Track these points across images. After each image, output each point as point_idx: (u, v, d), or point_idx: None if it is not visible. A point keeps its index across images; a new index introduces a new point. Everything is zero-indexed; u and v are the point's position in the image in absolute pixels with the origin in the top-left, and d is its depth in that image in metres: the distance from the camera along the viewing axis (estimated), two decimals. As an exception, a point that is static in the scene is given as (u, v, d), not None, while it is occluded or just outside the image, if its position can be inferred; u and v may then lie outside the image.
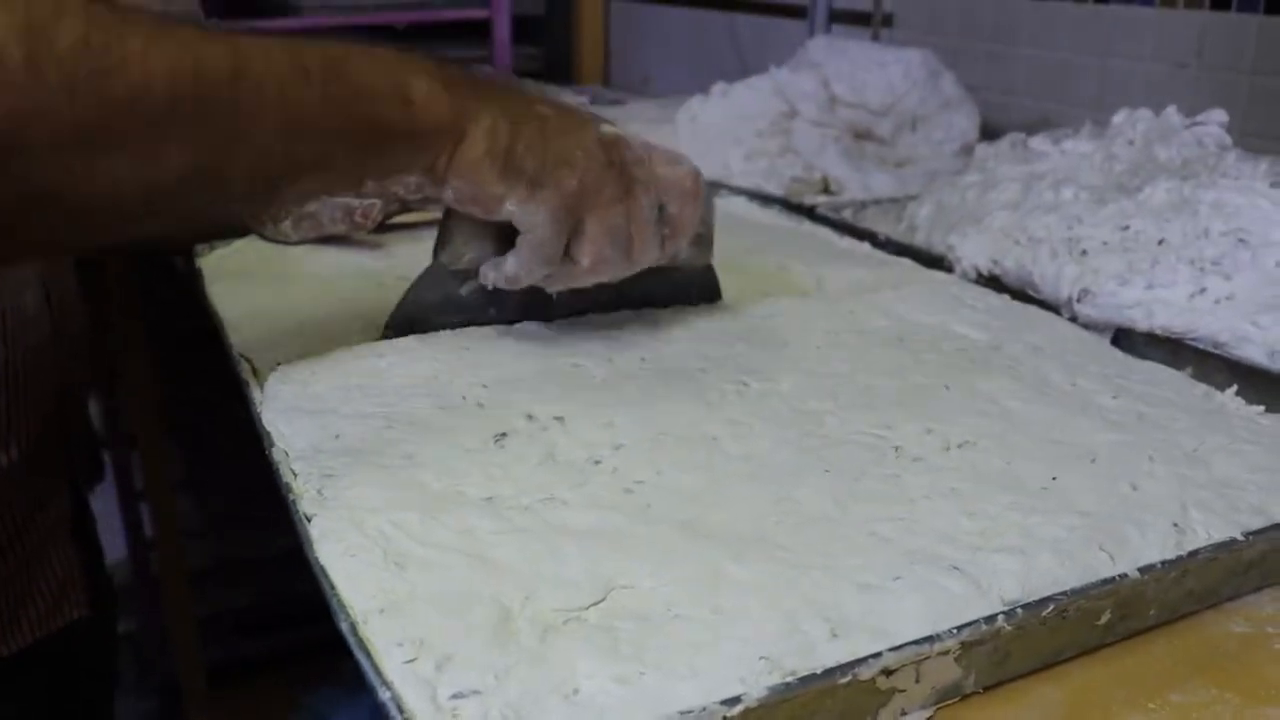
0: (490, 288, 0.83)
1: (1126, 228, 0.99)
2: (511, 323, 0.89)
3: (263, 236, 1.12)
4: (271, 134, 0.67)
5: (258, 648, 2.29)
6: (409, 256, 1.07)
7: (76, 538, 1.02)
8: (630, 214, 0.80)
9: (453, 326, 0.88)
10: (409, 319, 0.88)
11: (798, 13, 2.10)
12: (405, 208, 1.14)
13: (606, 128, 0.81)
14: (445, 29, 2.46)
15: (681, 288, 0.94)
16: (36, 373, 0.93)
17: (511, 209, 0.77)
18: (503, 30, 2.40)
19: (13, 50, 0.57)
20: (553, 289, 0.83)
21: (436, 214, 1.11)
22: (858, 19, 1.99)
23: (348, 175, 0.74)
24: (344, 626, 0.53)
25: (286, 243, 1.11)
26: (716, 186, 1.41)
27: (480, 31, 2.45)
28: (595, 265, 0.81)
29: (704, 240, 0.91)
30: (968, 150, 1.51)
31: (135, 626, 2.30)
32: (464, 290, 0.87)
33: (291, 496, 0.65)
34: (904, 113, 1.59)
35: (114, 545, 2.19)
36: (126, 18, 0.61)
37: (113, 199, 0.64)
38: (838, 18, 2.02)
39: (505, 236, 0.80)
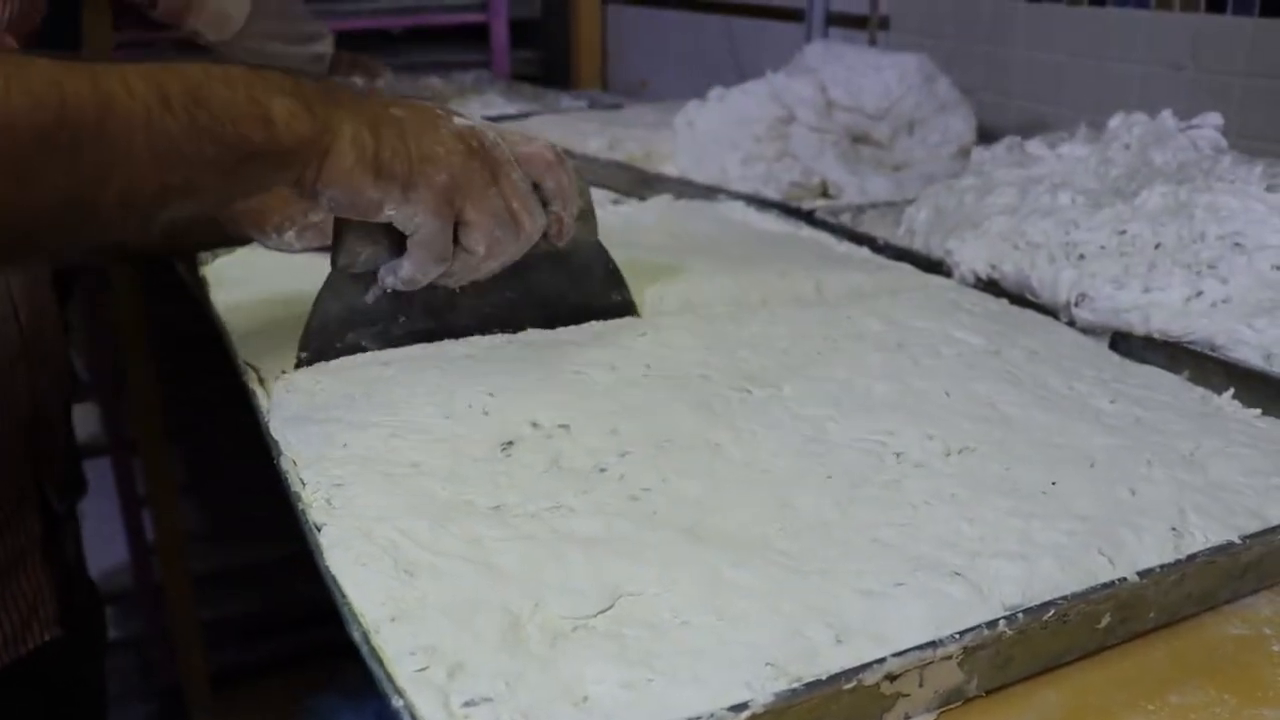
0: (390, 291, 0.85)
1: (1123, 232, 0.99)
2: (423, 332, 0.90)
3: (266, 246, 1.13)
4: (140, 163, 0.68)
5: (260, 652, 2.30)
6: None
7: (47, 558, 1.00)
8: (505, 193, 0.82)
9: (365, 343, 0.89)
10: (321, 337, 0.88)
11: (794, 15, 2.10)
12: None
13: (459, 120, 0.83)
14: (442, 33, 2.47)
15: (580, 271, 0.95)
16: (0, 394, 0.92)
17: (391, 213, 0.79)
18: (500, 34, 2.41)
19: None
20: (457, 284, 0.86)
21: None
22: (854, 22, 1.99)
23: (216, 197, 0.76)
24: (356, 635, 0.54)
25: (290, 251, 1.11)
26: (714, 191, 1.42)
27: (478, 35, 2.46)
28: (490, 249, 0.83)
29: (587, 214, 0.93)
30: (964, 153, 1.52)
31: (138, 631, 2.31)
32: (369, 298, 0.87)
33: (300, 505, 0.66)
34: (900, 116, 1.59)
35: (116, 550, 2.21)
36: None
37: None
38: (834, 21, 2.03)
39: (398, 234, 0.82)
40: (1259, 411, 0.81)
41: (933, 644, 0.53)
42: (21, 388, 0.95)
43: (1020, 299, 1.02)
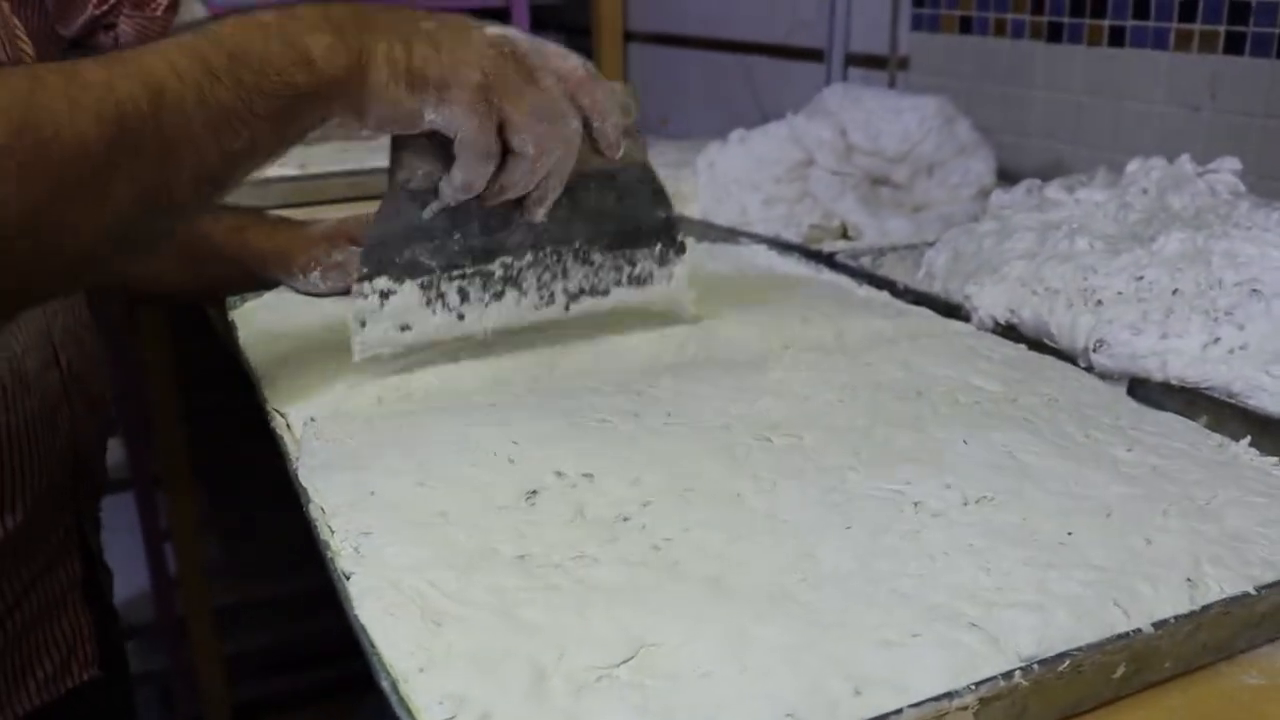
0: (452, 204, 0.88)
1: (1141, 278, 1.00)
2: (479, 249, 0.93)
3: (293, 289, 1.15)
4: (202, 141, 0.71)
5: (282, 686, 2.31)
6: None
7: (86, 599, 1.02)
8: (545, 91, 0.84)
9: (424, 258, 0.91)
10: (379, 252, 0.90)
11: (814, 55, 2.12)
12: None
13: (491, 28, 0.85)
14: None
15: (626, 190, 0.97)
16: (43, 436, 0.93)
17: (431, 117, 0.82)
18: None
19: None
20: (519, 193, 0.88)
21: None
22: (874, 62, 2.01)
23: (276, 147, 0.78)
24: (385, 685, 0.55)
25: (316, 293, 1.13)
26: (736, 233, 1.43)
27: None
28: (539, 146, 0.85)
29: (633, 132, 0.94)
30: (984, 194, 1.53)
31: (161, 665, 2.32)
32: (425, 214, 0.89)
33: (329, 554, 0.67)
34: (920, 159, 1.60)
35: (139, 584, 2.22)
36: (37, 81, 0.66)
37: (82, 247, 0.69)
38: (854, 61, 2.04)
39: (451, 156, 0.84)
40: (1276, 459, 0.81)
41: (949, 695, 0.54)
42: (64, 433, 0.97)
43: (1038, 344, 1.03)
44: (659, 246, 1.01)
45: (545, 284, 0.97)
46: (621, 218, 0.98)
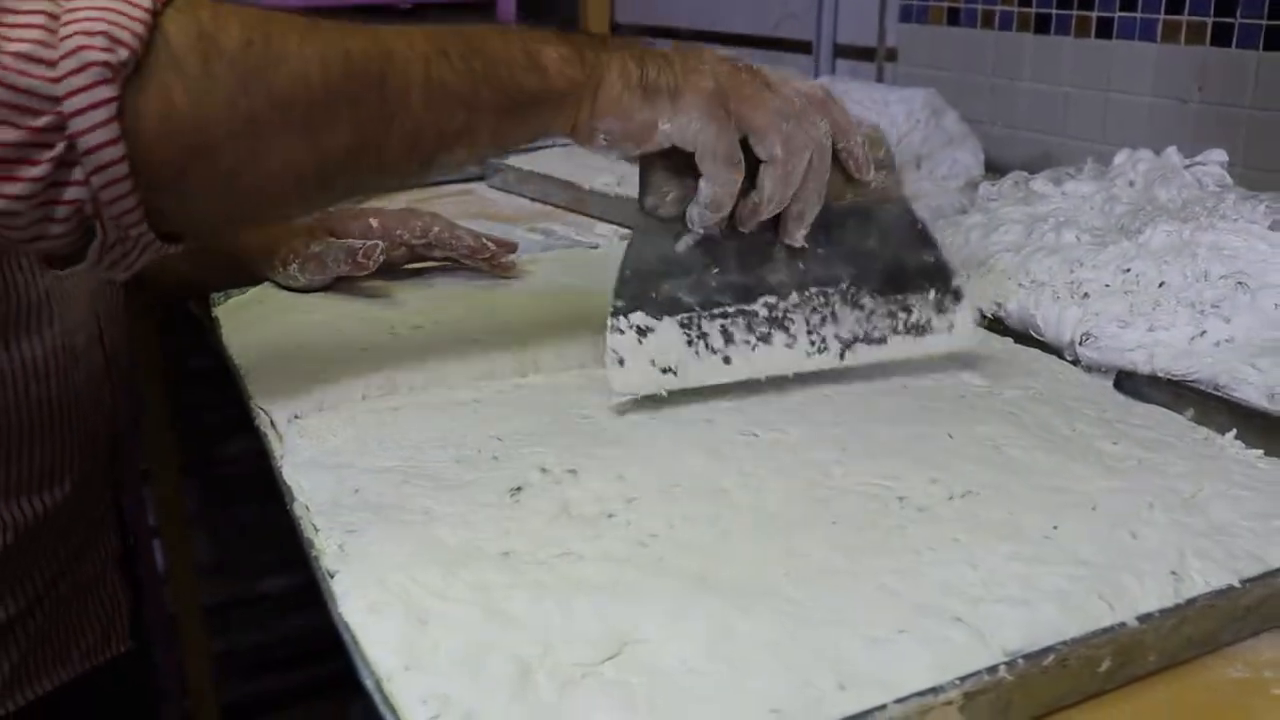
0: (702, 231, 0.84)
1: (1128, 270, 1.00)
2: (739, 286, 0.88)
3: (274, 282, 1.15)
4: (420, 110, 0.74)
5: (273, 684, 2.31)
6: (420, 304, 1.09)
7: (125, 572, 1.08)
8: (784, 96, 0.82)
9: (681, 295, 0.86)
10: (635, 284, 0.85)
11: (803, 47, 2.12)
12: (413, 255, 1.17)
13: (724, 52, 0.85)
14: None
15: (886, 228, 0.91)
16: (88, 411, 0.98)
17: (665, 128, 0.80)
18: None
19: (190, 58, 0.66)
20: (777, 208, 0.84)
21: (440, 260, 1.15)
22: (862, 54, 2.01)
23: (495, 141, 0.80)
24: (369, 683, 0.55)
25: (295, 287, 1.13)
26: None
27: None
28: (787, 145, 0.81)
29: (887, 166, 0.89)
30: (973, 186, 1.52)
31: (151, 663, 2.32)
32: (679, 247, 0.85)
33: (314, 552, 0.67)
34: (908, 151, 1.60)
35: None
36: (275, 17, 0.70)
37: (284, 177, 0.73)
38: (842, 53, 2.05)
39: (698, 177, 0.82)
40: (1261, 452, 0.82)
41: (934, 690, 0.54)
42: (106, 408, 1.02)
43: (1025, 337, 1.03)
44: (933, 292, 0.92)
45: (815, 328, 0.90)
46: (885, 258, 0.91)
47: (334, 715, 2.17)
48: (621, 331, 0.85)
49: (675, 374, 0.86)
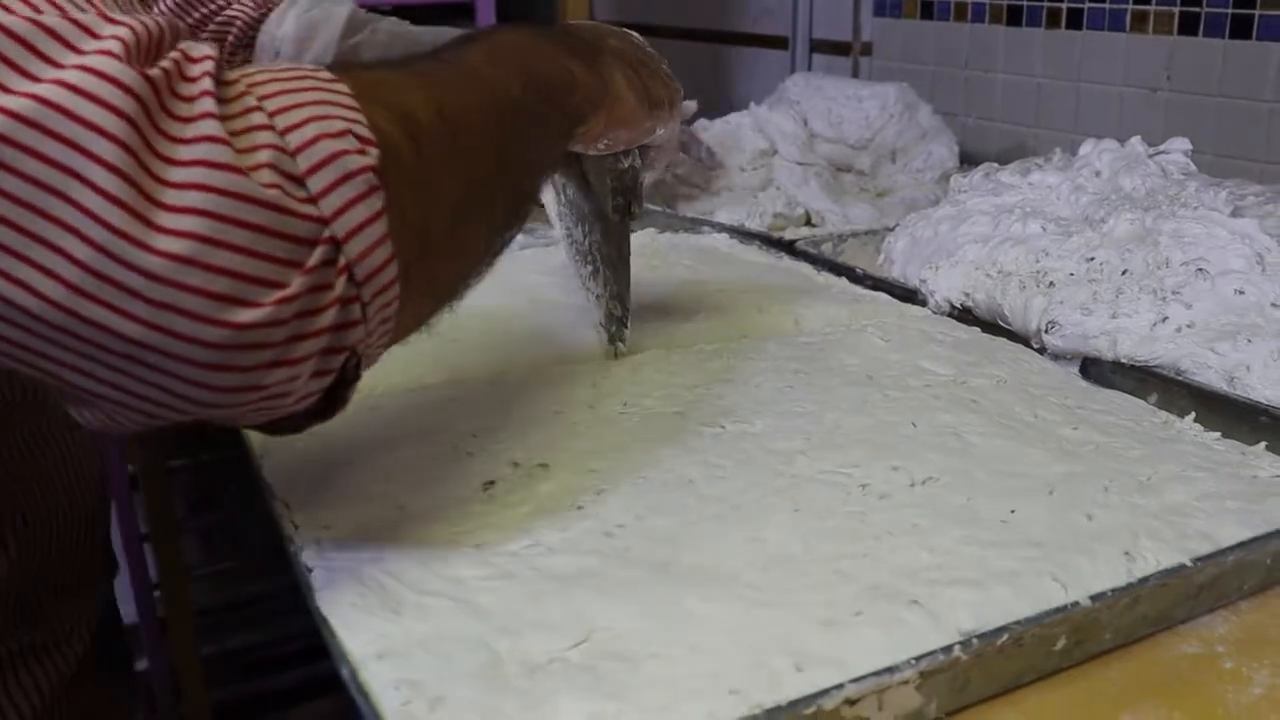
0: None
1: (1091, 259, 1.02)
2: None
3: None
4: (533, 153, 0.72)
5: (264, 686, 2.32)
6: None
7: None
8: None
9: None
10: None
11: (779, 43, 2.14)
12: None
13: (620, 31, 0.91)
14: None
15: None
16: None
17: (660, 130, 0.89)
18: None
19: (405, 146, 0.56)
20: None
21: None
22: (838, 48, 2.03)
23: (553, 169, 0.84)
24: (344, 672, 0.57)
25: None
26: (698, 222, 1.45)
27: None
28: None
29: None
30: (947, 177, 1.54)
31: (142, 666, 2.33)
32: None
33: (293, 548, 0.69)
34: (882, 145, 1.62)
35: (119, 586, 2.23)
36: (410, 78, 0.62)
37: (475, 259, 0.67)
38: (818, 48, 2.07)
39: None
40: (1219, 434, 0.84)
41: (890, 669, 0.56)
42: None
43: (993, 327, 1.05)
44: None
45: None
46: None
47: (327, 716, 2.18)
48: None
49: None
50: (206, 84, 0.51)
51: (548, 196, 1.09)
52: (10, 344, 0.50)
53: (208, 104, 0.50)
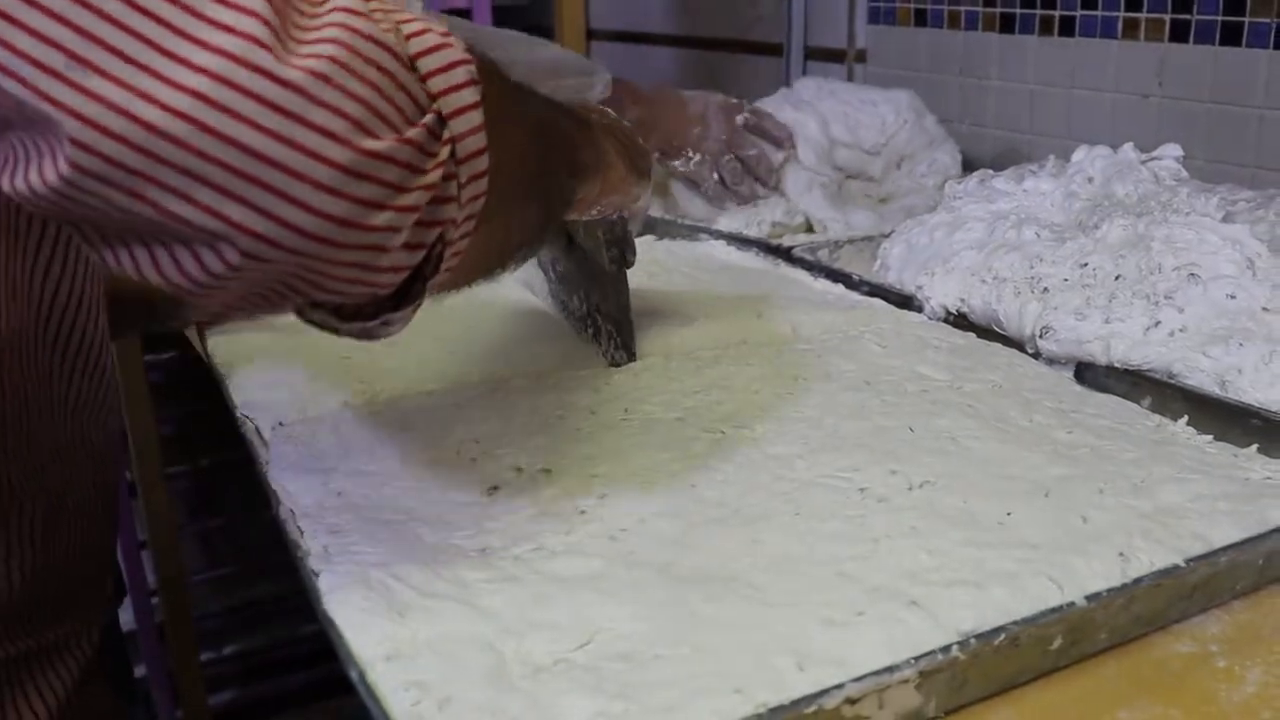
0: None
1: (1085, 265, 1.03)
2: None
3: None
4: (557, 174, 0.74)
5: (264, 691, 2.32)
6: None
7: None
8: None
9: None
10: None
11: (774, 50, 2.14)
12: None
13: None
14: None
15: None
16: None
17: (641, 200, 0.93)
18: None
19: (491, 72, 0.59)
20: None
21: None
22: (832, 55, 2.04)
23: (562, 214, 0.83)
24: (353, 674, 0.57)
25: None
26: (696, 230, 1.46)
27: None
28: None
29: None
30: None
31: (141, 673, 2.33)
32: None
33: (300, 553, 0.69)
34: (894, 152, 1.62)
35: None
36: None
37: (518, 235, 0.71)
38: (812, 55, 2.07)
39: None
40: (1211, 437, 0.85)
41: (889, 669, 0.57)
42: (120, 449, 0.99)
43: (988, 332, 1.06)
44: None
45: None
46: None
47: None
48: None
49: None
50: None
51: (536, 285, 1.14)
52: (124, 170, 0.48)
53: None
